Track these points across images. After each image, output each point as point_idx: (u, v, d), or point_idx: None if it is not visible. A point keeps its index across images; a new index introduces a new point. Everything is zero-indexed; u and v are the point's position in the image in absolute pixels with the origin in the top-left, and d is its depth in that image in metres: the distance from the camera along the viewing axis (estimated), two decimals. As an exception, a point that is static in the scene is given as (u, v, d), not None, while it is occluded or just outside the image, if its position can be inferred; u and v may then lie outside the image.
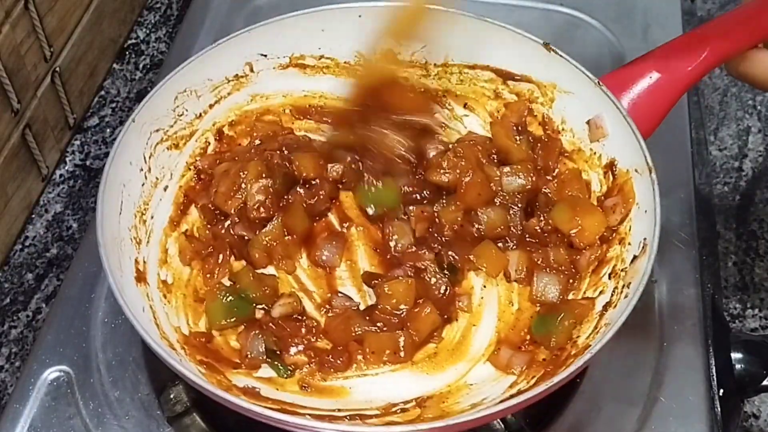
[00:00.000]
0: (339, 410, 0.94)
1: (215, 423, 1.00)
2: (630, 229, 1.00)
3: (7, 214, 1.17)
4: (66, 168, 1.29)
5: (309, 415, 0.92)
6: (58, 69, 1.24)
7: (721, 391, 1.04)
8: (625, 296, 0.93)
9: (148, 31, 1.48)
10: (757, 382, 1.06)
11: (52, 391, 1.02)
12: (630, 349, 1.05)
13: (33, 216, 1.24)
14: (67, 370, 1.03)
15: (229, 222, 1.06)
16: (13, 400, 1.01)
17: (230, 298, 1.01)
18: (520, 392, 0.92)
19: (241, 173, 1.06)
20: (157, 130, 1.08)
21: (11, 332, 1.14)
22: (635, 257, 0.96)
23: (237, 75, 1.15)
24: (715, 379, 1.04)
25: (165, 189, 1.09)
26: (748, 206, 1.33)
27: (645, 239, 0.95)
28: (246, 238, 1.06)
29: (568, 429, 1.00)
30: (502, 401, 0.90)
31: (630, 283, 0.94)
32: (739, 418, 1.08)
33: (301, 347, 0.99)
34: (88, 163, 1.31)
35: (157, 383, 1.02)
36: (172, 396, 0.99)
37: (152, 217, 1.06)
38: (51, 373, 1.03)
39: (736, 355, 1.06)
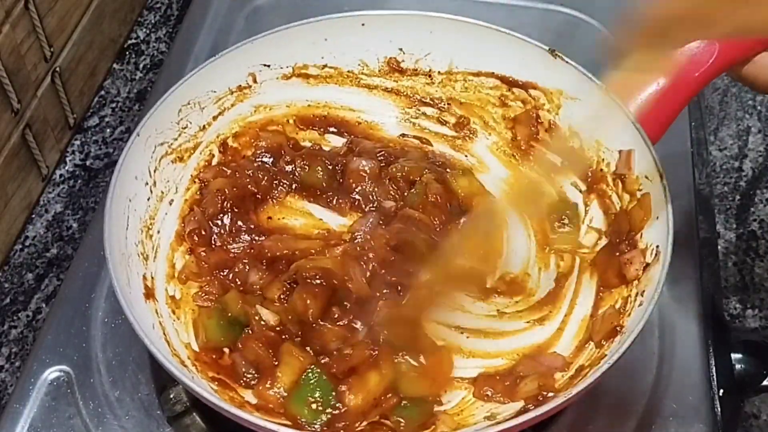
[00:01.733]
0: None
1: (215, 423, 1.00)
2: (642, 237, 1.00)
3: (7, 214, 1.17)
4: (66, 168, 1.29)
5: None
6: (58, 69, 1.24)
7: (721, 391, 1.04)
8: (640, 304, 0.93)
9: (148, 31, 1.48)
10: (757, 383, 1.06)
11: (52, 391, 1.02)
12: (630, 349, 1.05)
13: (33, 216, 1.24)
14: (67, 370, 1.03)
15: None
16: (13, 400, 1.01)
17: (221, 321, 0.99)
18: (537, 404, 0.90)
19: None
20: (162, 144, 1.07)
21: (11, 332, 1.14)
22: (648, 265, 0.96)
23: (240, 86, 1.15)
24: (715, 379, 1.04)
25: (170, 203, 1.08)
26: (749, 206, 1.33)
27: (658, 246, 0.95)
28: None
29: (568, 429, 1.00)
30: (518, 414, 0.88)
31: (644, 291, 0.93)
32: (739, 418, 1.08)
33: None
34: (88, 163, 1.31)
35: (158, 383, 1.02)
36: (172, 396, 0.99)
37: (158, 232, 1.05)
38: (51, 373, 1.03)
39: (736, 356, 1.06)
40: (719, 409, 1.02)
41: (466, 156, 1.19)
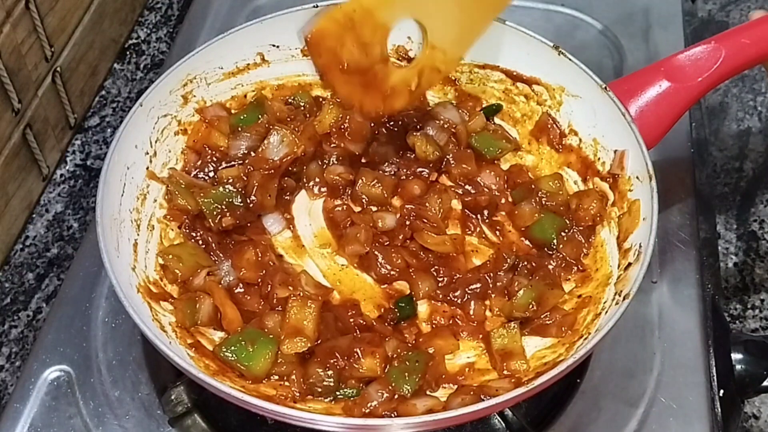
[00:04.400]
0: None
1: (217, 424, 1.00)
2: (627, 239, 1.00)
3: (7, 213, 1.17)
4: (67, 168, 1.29)
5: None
6: (58, 69, 1.24)
7: (722, 391, 1.04)
8: (616, 303, 0.93)
9: (148, 31, 1.48)
10: (758, 383, 1.06)
11: (52, 390, 1.02)
12: (630, 350, 1.05)
13: (33, 216, 1.24)
14: (67, 370, 1.03)
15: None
16: (14, 400, 1.01)
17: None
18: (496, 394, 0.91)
19: None
20: (165, 115, 1.09)
21: (12, 332, 1.14)
22: (629, 264, 0.96)
23: (248, 64, 1.16)
24: (715, 379, 1.04)
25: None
26: (749, 207, 1.33)
27: (640, 245, 0.95)
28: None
29: (568, 428, 1.00)
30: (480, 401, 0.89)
31: (622, 290, 0.94)
32: (739, 418, 1.08)
33: None
34: (88, 163, 1.31)
35: (158, 383, 1.02)
36: (173, 397, 0.99)
37: (155, 201, 1.06)
38: (51, 373, 1.03)
39: (736, 356, 1.06)
40: (719, 409, 1.02)
41: None
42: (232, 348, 0.93)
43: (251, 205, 1.05)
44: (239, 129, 1.10)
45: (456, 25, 1.05)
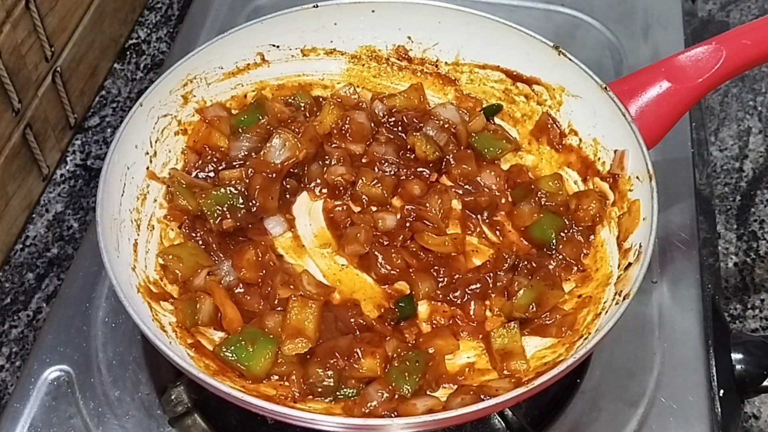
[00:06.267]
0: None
1: (217, 424, 1.00)
2: (627, 239, 1.00)
3: (7, 213, 1.17)
4: (67, 168, 1.29)
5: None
6: (59, 69, 1.24)
7: (722, 391, 1.04)
8: (616, 303, 0.93)
9: (149, 31, 1.48)
10: (758, 383, 1.06)
11: (52, 390, 1.02)
12: (630, 349, 1.05)
13: (34, 216, 1.24)
14: (67, 370, 1.03)
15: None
16: (14, 400, 1.01)
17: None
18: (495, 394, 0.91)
19: None
20: (165, 115, 1.09)
21: (12, 332, 1.14)
22: (630, 264, 0.96)
23: (248, 64, 1.16)
24: (715, 379, 1.04)
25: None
26: (749, 207, 1.33)
27: (640, 245, 0.95)
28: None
29: (568, 428, 1.00)
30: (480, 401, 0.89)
31: (622, 290, 0.94)
32: (739, 418, 1.08)
33: None
34: (88, 162, 1.31)
35: (158, 383, 1.02)
36: (173, 397, 0.99)
37: (155, 200, 1.06)
38: (51, 373, 1.03)
39: (736, 356, 1.06)
40: (719, 409, 1.02)
41: None
42: (232, 348, 0.93)
43: (254, 208, 1.05)
44: (240, 130, 1.10)
45: None
